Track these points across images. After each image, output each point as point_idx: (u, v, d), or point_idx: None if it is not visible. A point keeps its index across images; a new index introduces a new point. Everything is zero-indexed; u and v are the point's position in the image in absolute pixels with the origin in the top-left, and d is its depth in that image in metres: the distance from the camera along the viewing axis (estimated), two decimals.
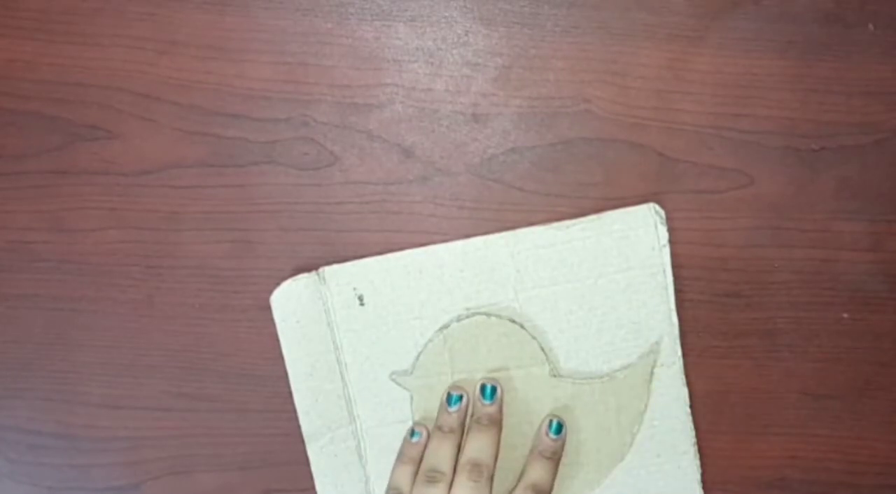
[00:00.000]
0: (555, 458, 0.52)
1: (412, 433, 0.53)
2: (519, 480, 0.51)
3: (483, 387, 0.52)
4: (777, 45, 0.52)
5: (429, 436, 0.52)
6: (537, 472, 0.51)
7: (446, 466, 0.50)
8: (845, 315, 0.54)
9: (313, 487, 0.55)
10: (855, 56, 0.52)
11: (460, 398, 0.52)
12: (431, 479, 0.49)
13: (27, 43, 0.53)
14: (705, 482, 0.54)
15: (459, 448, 0.51)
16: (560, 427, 0.52)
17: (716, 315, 0.54)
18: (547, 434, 0.52)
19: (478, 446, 0.50)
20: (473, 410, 0.52)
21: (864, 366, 0.55)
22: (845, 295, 0.54)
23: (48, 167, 0.54)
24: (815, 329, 0.54)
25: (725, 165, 0.53)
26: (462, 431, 0.51)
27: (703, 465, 0.54)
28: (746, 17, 0.51)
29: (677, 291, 0.53)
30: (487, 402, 0.52)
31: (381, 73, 0.53)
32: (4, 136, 0.54)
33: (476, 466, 0.49)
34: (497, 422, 0.52)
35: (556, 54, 0.52)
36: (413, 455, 0.51)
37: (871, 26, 0.52)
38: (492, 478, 0.49)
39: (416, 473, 0.51)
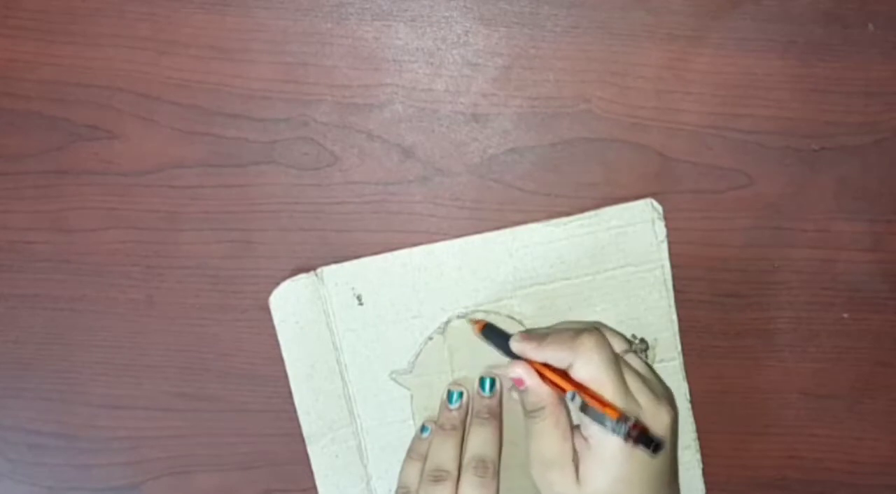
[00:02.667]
0: None
1: (422, 428, 0.53)
2: None
3: (482, 380, 0.52)
4: (777, 45, 0.52)
5: None
6: None
7: (451, 464, 0.50)
8: (845, 315, 0.54)
9: (313, 487, 0.55)
10: (855, 56, 0.52)
11: (461, 395, 0.52)
12: (437, 478, 0.49)
13: (27, 43, 0.53)
14: (706, 482, 0.54)
15: (462, 446, 0.51)
16: None
17: (716, 315, 0.54)
18: None
19: (481, 441, 0.50)
20: (473, 405, 0.52)
21: (864, 366, 0.55)
22: (845, 295, 0.54)
23: (48, 167, 0.54)
24: (815, 329, 0.54)
25: (725, 165, 0.53)
26: (464, 428, 0.51)
27: (703, 465, 0.54)
28: (746, 17, 0.51)
29: (677, 291, 0.53)
30: (486, 395, 0.52)
31: (381, 73, 0.53)
32: (4, 136, 0.54)
33: (482, 461, 0.49)
34: (497, 415, 0.52)
35: (556, 54, 0.52)
36: (422, 451, 0.52)
37: (871, 26, 0.52)
38: (497, 472, 0.49)
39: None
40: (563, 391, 0.46)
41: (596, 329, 0.48)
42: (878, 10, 0.51)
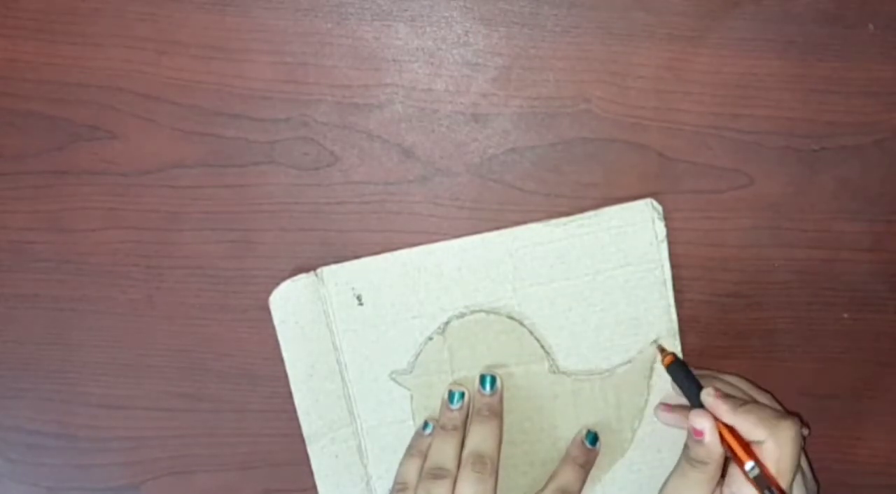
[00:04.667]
0: (586, 467, 0.52)
1: (424, 425, 0.53)
2: (548, 482, 0.51)
3: (482, 378, 0.52)
4: (777, 45, 0.52)
5: None
6: (568, 476, 0.51)
7: (450, 463, 0.50)
8: (845, 315, 0.54)
9: (313, 487, 0.55)
10: (855, 56, 0.52)
11: (462, 395, 0.52)
12: (437, 476, 0.49)
13: (27, 43, 0.53)
14: None
15: (462, 446, 0.51)
16: (595, 439, 0.53)
17: (716, 315, 0.54)
18: (582, 443, 0.53)
19: (480, 438, 0.50)
20: (474, 403, 0.52)
21: (864, 366, 0.55)
22: (845, 295, 0.54)
23: (48, 167, 0.54)
24: (815, 329, 0.54)
25: (725, 165, 0.53)
26: (464, 428, 0.51)
27: None
28: (746, 17, 0.51)
29: (677, 291, 0.53)
30: (487, 393, 0.52)
31: (381, 73, 0.53)
32: (4, 136, 0.54)
33: (479, 458, 0.49)
34: (498, 414, 0.52)
35: (556, 54, 0.52)
36: (423, 448, 0.52)
37: (871, 26, 0.52)
38: (496, 470, 0.49)
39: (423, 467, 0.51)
40: (737, 458, 0.46)
41: (797, 417, 0.48)
42: (878, 10, 0.51)
